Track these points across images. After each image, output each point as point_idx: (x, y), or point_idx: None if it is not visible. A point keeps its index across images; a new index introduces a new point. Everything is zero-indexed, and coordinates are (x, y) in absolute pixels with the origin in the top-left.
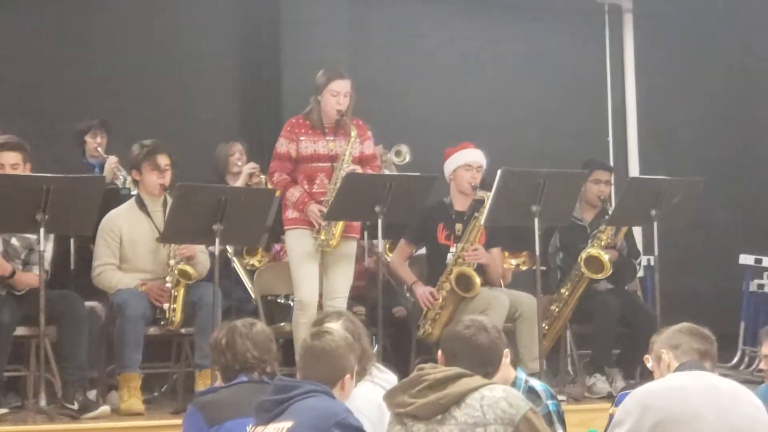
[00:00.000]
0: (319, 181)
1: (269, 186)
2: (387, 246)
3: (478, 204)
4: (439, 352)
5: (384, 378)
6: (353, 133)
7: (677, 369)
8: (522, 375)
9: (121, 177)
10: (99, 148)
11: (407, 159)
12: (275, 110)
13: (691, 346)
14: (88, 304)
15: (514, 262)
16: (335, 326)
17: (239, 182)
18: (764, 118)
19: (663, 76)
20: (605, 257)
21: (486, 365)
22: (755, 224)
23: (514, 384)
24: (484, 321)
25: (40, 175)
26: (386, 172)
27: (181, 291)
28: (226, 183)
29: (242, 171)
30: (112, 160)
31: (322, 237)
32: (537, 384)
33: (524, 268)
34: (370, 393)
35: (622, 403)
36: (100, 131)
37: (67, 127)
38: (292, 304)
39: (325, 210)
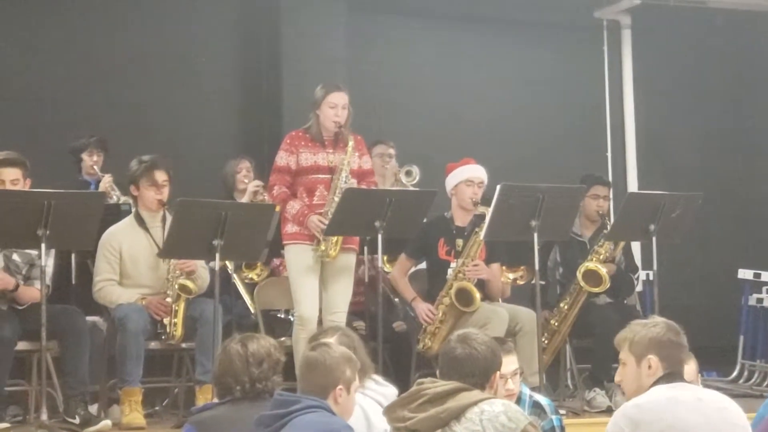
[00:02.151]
0: (318, 193)
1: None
2: (385, 259)
3: (479, 219)
4: None
5: (379, 391)
6: (350, 143)
7: (659, 381)
8: (526, 390)
9: (114, 196)
10: (95, 167)
11: (417, 179)
12: (276, 126)
13: (657, 363)
14: (89, 318)
15: (511, 276)
16: (330, 341)
17: (244, 200)
18: (763, 133)
19: (661, 92)
20: (603, 271)
21: (466, 377)
22: (754, 239)
23: (518, 399)
24: (469, 334)
25: (40, 190)
26: None
27: (182, 305)
28: (234, 199)
29: (247, 188)
30: (106, 179)
31: (322, 248)
32: (542, 399)
33: (521, 282)
34: (358, 405)
35: (613, 420)
36: (97, 150)
37: (66, 142)
38: (292, 319)
39: (325, 221)
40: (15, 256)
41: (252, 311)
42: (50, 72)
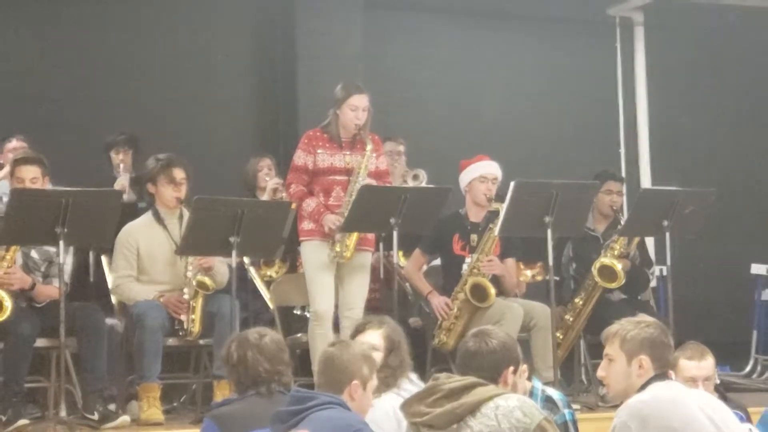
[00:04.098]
0: (335, 194)
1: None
2: (401, 254)
3: (493, 215)
4: None
5: (412, 391)
6: (369, 146)
7: (653, 380)
8: (538, 385)
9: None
10: (121, 165)
11: (424, 183)
12: (292, 124)
13: (648, 363)
14: (107, 321)
15: (529, 273)
16: (376, 333)
17: (265, 197)
18: None
19: (674, 88)
20: (618, 266)
21: (476, 370)
22: (767, 234)
23: (531, 394)
24: (485, 329)
25: (59, 188)
26: None
27: (200, 302)
28: (255, 197)
29: (267, 186)
30: (119, 181)
31: (337, 249)
32: (554, 393)
33: (540, 278)
34: (390, 404)
35: (618, 419)
36: (124, 148)
37: (89, 141)
38: (308, 315)
39: (341, 219)
40: (33, 254)
41: (271, 308)
42: (68, 71)
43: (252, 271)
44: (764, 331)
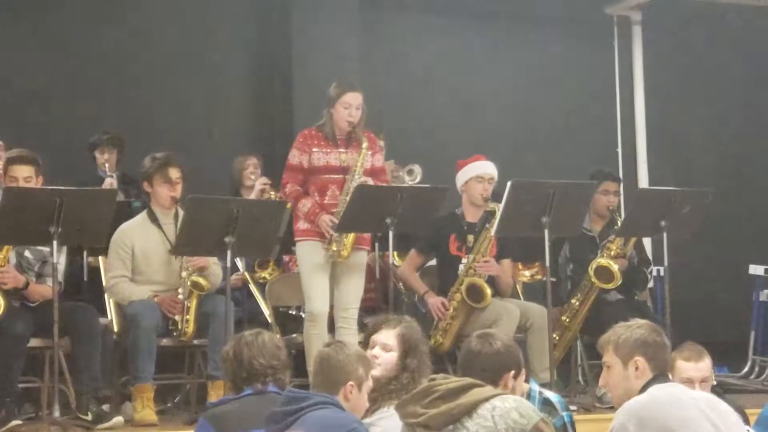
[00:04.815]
0: (330, 193)
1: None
2: (396, 254)
3: (490, 215)
4: None
5: None
6: (364, 144)
7: (652, 382)
8: (535, 387)
9: None
10: (106, 164)
11: (419, 179)
12: (287, 124)
13: (644, 363)
14: (101, 321)
15: (528, 273)
16: (390, 332)
17: (251, 197)
18: None
19: (671, 88)
20: (615, 267)
21: (477, 370)
22: (765, 235)
23: (528, 396)
24: (489, 332)
25: (52, 188)
26: None
27: (194, 302)
28: (240, 196)
29: (254, 186)
30: (107, 182)
31: (334, 248)
32: (552, 395)
33: (539, 277)
34: None
35: (617, 420)
36: (108, 148)
37: (80, 139)
38: (303, 315)
39: (336, 220)
40: (27, 254)
41: (265, 311)
42: (62, 69)
43: (246, 275)
44: (762, 332)
